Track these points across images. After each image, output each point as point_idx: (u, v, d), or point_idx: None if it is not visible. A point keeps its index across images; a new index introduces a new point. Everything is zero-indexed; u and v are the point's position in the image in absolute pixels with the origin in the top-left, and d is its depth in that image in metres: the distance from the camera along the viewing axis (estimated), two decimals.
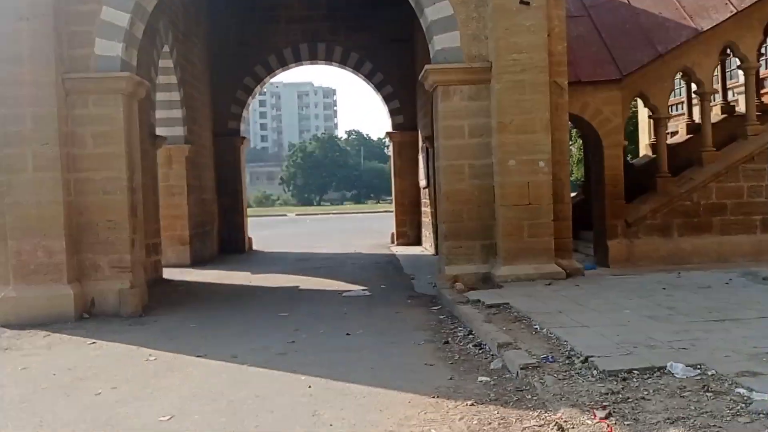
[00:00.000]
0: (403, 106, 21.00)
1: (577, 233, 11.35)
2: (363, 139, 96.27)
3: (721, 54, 12.82)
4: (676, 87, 15.07)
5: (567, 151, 11.16)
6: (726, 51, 13.01)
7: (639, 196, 12.29)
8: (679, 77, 13.49)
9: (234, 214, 20.58)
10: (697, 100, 13.54)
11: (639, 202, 12.19)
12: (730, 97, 15.68)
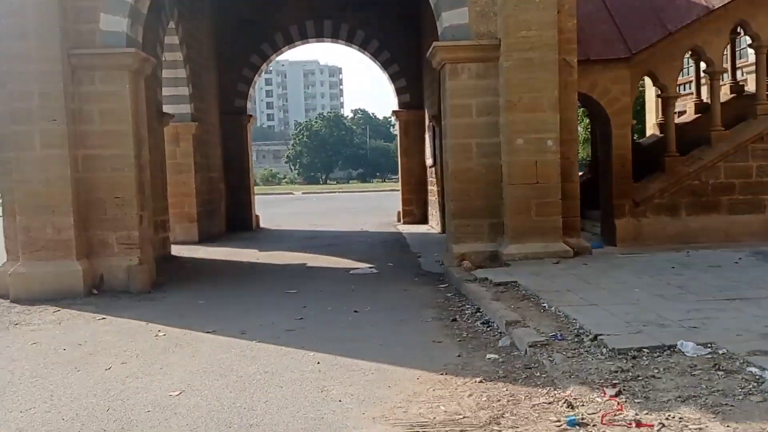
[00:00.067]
0: (410, 85, 20.86)
1: (583, 212, 11.31)
2: (368, 118, 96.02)
3: (732, 33, 12.68)
4: (685, 66, 14.92)
5: (575, 130, 11.09)
6: (737, 30, 12.87)
7: (646, 176, 12.23)
8: (688, 56, 13.36)
9: (241, 192, 20.56)
10: (705, 79, 13.42)
11: (647, 182, 12.13)
12: (739, 76, 15.52)
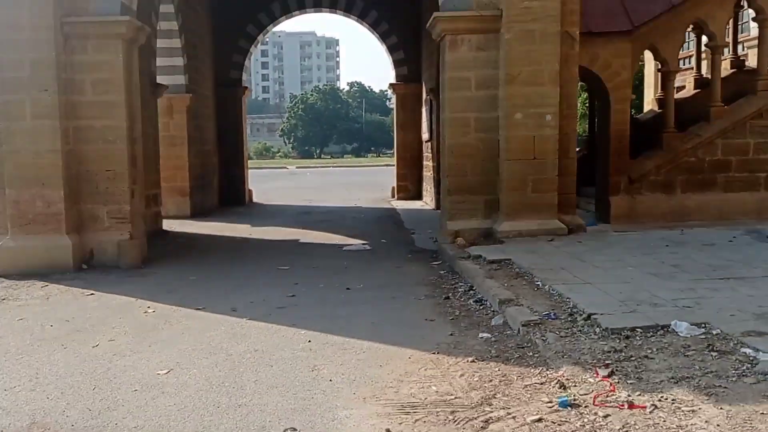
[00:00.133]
0: (408, 57, 20.65)
1: (578, 189, 11.21)
2: (365, 91, 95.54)
3: (736, 6, 12.48)
4: (685, 40, 14.72)
5: (575, 105, 10.97)
6: (740, 2, 12.67)
7: (643, 152, 12.11)
8: (690, 30, 13.17)
9: (235, 166, 20.40)
10: (706, 53, 13.24)
11: (643, 158, 12.00)
12: (740, 51, 15.33)
